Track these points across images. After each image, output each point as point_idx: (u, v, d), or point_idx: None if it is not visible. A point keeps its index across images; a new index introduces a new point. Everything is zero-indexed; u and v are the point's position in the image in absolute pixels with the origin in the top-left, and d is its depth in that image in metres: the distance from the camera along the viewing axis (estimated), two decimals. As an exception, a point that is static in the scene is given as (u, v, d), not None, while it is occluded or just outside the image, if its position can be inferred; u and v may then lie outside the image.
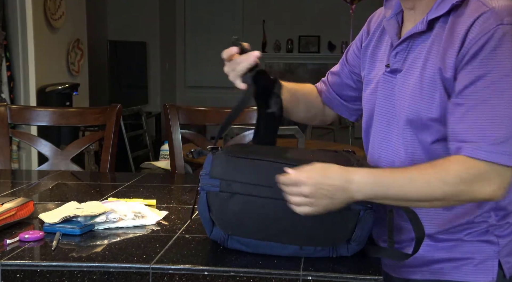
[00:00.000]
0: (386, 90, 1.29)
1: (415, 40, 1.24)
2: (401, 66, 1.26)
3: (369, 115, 1.36)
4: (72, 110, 2.55)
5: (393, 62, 1.28)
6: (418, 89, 1.20)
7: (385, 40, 1.35)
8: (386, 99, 1.29)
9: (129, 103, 5.67)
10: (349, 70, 1.50)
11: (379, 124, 1.32)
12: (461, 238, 1.24)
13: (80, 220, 1.32)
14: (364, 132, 1.39)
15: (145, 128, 5.78)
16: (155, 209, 1.50)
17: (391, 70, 1.28)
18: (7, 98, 4.15)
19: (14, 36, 4.24)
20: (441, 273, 1.25)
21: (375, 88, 1.32)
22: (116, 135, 2.23)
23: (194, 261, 1.15)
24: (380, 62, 1.34)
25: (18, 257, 1.16)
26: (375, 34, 1.39)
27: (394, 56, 1.27)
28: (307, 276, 1.09)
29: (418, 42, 1.23)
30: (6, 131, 2.24)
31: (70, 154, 2.23)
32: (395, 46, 1.27)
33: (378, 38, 1.38)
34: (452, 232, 1.24)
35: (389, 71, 1.29)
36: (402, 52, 1.26)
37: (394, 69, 1.27)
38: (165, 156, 4.23)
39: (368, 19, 1.46)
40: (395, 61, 1.27)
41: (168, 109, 2.26)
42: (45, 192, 1.80)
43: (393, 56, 1.28)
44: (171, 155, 2.25)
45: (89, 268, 1.13)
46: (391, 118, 1.28)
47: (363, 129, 1.39)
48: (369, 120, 1.36)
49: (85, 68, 5.40)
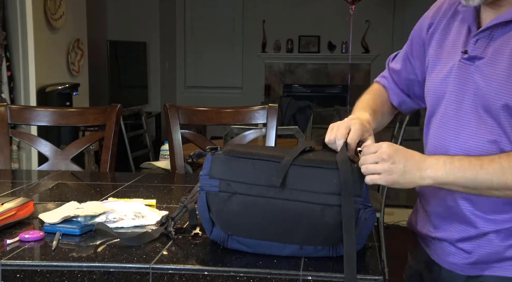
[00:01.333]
0: (462, 77, 1.25)
1: (499, 29, 1.21)
2: (482, 54, 1.22)
3: (435, 103, 1.32)
4: (72, 110, 2.55)
5: (472, 49, 1.24)
6: (504, 78, 1.17)
7: (455, 25, 1.32)
8: (461, 86, 1.25)
9: (129, 103, 5.67)
10: (414, 64, 1.45)
11: (451, 112, 1.27)
12: None
13: (80, 220, 1.32)
14: (427, 121, 1.35)
15: (145, 128, 5.77)
16: (155, 209, 1.50)
17: (469, 57, 1.24)
18: (7, 98, 4.15)
19: (14, 36, 4.24)
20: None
21: (448, 75, 1.28)
22: (116, 135, 2.23)
23: (194, 261, 1.15)
24: (452, 47, 1.30)
25: (18, 257, 1.16)
26: (443, 19, 1.35)
27: (474, 43, 1.24)
28: (307, 276, 1.09)
29: (504, 30, 1.20)
30: (6, 131, 2.24)
31: (70, 154, 2.23)
32: (476, 33, 1.24)
33: (447, 22, 1.34)
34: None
35: (466, 58, 1.25)
36: (484, 39, 1.23)
37: (474, 56, 1.23)
38: (165, 156, 4.23)
39: (435, 4, 1.40)
40: (475, 48, 1.23)
41: (168, 109, 2.26)
42: (45, 192, 1.80)
43: (472, 43, 1.24)
44: (171, 155, 2.25)
45: (89, 268, 1.13)
46: (466, 105, 1.24)
47: (426, 118, 1.35)
48: (434, 108, 1.33)
49: (85, 68, 5.40)
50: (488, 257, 1.23)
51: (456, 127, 1.26)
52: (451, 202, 1.25)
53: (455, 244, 1.27)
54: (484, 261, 1.24)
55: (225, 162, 1.17)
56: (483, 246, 1.23)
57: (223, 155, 1.18)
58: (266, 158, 1.16)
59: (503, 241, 1.22)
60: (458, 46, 1.28)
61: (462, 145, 1.24)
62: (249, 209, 1.14)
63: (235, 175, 1.16)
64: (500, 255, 1.22)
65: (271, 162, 1.15)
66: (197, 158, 1.24)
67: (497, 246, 1.22)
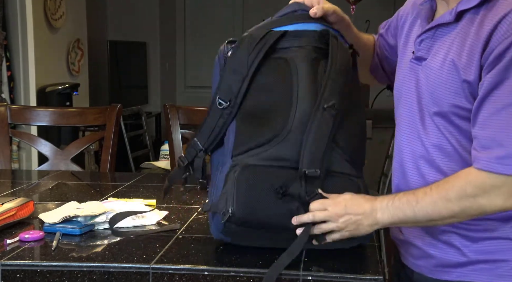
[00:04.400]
0: (412, 78, 1.24)
1: (442, 29, 1.19)
2: (426, 55, 1.21)
3: (396, 103, 1.32)
4: (72, 110, 2.55)
5: (417, 50, 1.23)
6: (437, 80, 1.16)
7: (417, 24, 1.30)
8: (411, 87, 1.24)
9: (129, 103, 5.66)
10: (387, 45, 1.45)
11: (404, 112, 1.27)
12: (499, 236, 1.18)
13: (80, 220, 1.32)
14: (394, 119, 1.35)
15: (145, 128, 5.78)
16: (155, 209, 1.50)
17: (416, 57, 1.24)
18: (7, 98, 4.15)
19: (14, 36, 4.24)
20: (476, 274, 1.19)
21: (404, 75, 1.28)
22: (116, 135, 2.23)
23: (194, 261, 1.15)
24: (409, 46, 1.30)
25: (18, 257, 1.16)
26: (409, 16, 1.34)
27: (419, 44, 1.23)
28: (307, 276, 1.09)
29: (444, 32, 1.18)
30: (6, 131, 2.24)
31: (70, 154, 2.23)
32: (420, 33, 1.23)
33: (412, 20, 1.33)
34: (488, 230, 1.18)
35: (414, 58, 1.24)
36: (428, 40, 1.21)
37: (419, 57, 1.23)
38: (165, 156, 4.23)
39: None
40: (419, 49, 1.23)
41: (168, 109, 2.26)
42: (45, 192, 1.80)
43: (417, 44, 1.23)
44: (171, 155, 2.25)
45: (89, 268, 1.13)
46: (414, 107, 1.23)
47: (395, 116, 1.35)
48: (396, 108, 1.32)
49: (85, 68, 5.39)
50: (452, 261, 1.21)
51: (407, 129, 1.26)
52: None
53: (420, 247, 1.26)
54: (449, 264, 1.22)
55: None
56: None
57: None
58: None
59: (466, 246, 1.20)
60: (411, 46, 1.28)
61: (412, 148, 1.24)
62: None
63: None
64: (464, 259, 1.20)
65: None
66: (206, 208, 1.21)
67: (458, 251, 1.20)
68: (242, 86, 1.18)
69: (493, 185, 1.07)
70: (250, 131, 1.17)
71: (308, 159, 1.12)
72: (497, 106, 1.07)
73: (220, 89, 1.20)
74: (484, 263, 1.18)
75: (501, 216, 1.16)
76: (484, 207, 1.09)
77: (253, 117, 1.18)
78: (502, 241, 1.17)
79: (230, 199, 1.12)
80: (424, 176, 1.21)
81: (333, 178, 1.16)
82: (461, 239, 1.19)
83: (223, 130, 1.21)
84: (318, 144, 1.13)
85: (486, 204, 1.09)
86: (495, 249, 1.17)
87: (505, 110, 1.06)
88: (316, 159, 1.12)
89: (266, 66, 1.18)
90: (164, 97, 7.16)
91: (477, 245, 1.18)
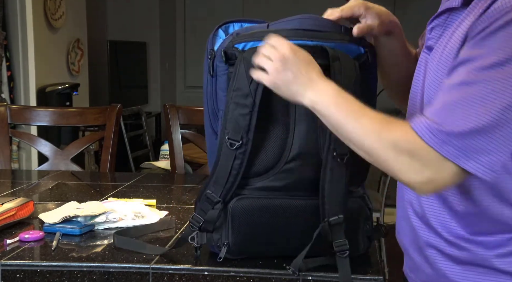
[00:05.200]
0: (420, 70, 1.12)
1: (453, 15, 1.05)
2: (435, 43, 1.08)
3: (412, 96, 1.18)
4: (72, 110, 2.55)
5: (428, 38, 1.10)
6: (433, 73, 1.06)
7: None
8: (419, 80, 1.12)
9: (129, 103, 5.66)
10: None
11: (410, 108, 1.16)
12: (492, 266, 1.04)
13: (80, 220, 1.32)
14: None
15: (145, 128, 5.78)
16: (155, 209, 1.50)
17: (427, 46, 1.10)
18: (7, 98, 4.15)
19: (14, 36, 4.24)
20: None
21: (416, 70, 1.15)
22: (116, 135, 2.23)
23: (194, 261, 1.15)
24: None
25: (18, 257, 1.16)
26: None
27: (430, 32, 1.10)
28: (307, 276, 1.09)
29: (454, 18, 1.05)
30: (6, 131, 2.24)
31: (70, 154, 2.23)
32: (431, 20, 1.10)
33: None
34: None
35: (425, 47, 1.11)
36: (438, 27, 1.08)
37: (429, 46, 1.09)
38: (165, 156, 4.23)
39: None
40: (430, 37, 1.10)
41: (168, 109, 2.26)
42: (45, 192, 1.80)
43: (428, 32, 1.10)
44: (171, 155, 2.25)
45: (89, 268, 1.13)
46: (417, 101, 1.12)
47: None
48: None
49: (85, 68, 5.39)
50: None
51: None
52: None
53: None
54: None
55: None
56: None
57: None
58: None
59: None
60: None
61: None
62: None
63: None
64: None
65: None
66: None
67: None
68: (252, 119, 1.09)
69: (424, 158, 0.96)
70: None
71: (330, 208, 1.10)
72: (458, 81, 0.95)
73: (227, 128, 1.10)
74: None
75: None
76: (400, 170, 0.98)
77: None
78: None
79: (225, 233, 1.12)
80: None
81: None
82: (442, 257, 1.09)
83: (241, 172, 1.11)
84: (338, 191, 1.11)
85: (404, 169, 0.97)
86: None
87: (464, 87, 0.94)
88: (337, 206, 1.11)
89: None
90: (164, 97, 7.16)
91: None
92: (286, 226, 1.13)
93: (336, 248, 1.09)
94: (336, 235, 1.10)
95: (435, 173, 0.95)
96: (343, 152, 1.10)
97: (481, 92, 0.91)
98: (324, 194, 1.10)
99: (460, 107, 0.93)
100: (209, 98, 1.22)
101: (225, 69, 1.15)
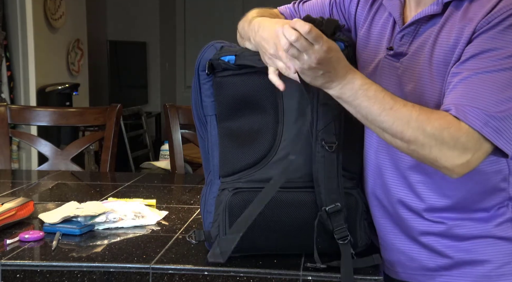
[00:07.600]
0: (391, 75, 1.16)
1: (425, 23, 1.13)
2: (406, 50, 1.14)
3: None
4: (72, 110, 2.55)
5: (398, 46, 1.16)
6: (427, 75, 1.10)
7: (382, 19, 1.22)
8: (392, 86, 1.14)
9: (129, 103, 5.66)
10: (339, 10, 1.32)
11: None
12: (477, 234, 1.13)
13: (80, 220, 1.32)
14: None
15: (145, 128, 5.78)
16: (155, 209, 1.50)
17: (395, 53, 1.16)
18: (7, 98, 4.16)
19: (14, 36, 4.24)
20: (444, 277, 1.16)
21: (374, 72, 1.19)
22: (116, 135, 2.23)
23: (194, 261, 1.15)
24: (377, 42, 1.21)
25: (18, 257, 1.16)
26: (370, 11, 1.26)
27: (400, 39, 1.15)
28: (307, 276, 1.09)
29: (428, 25, 1.12)
30: (6, 131, 2.24)
31: (70, 154, 2.23)
32: (402, 29, 1.15)
33: (373, 15, 1.25)
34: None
35: (391, 54, 1.16)
36: (409, 35, 1.14)
37: (399, 52, 1.15)
38: (165, 156, 4.23)
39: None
40: (400, 44, 1.15)
41: (168, 109, 2.26)
42: (45, 192, 1.80)
43: (398, 39, 1.16)
44: (171, 155, 2.25)
45: (89, 268, 1.13)
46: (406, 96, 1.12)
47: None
48: None
49: (85, 68, 5.39)
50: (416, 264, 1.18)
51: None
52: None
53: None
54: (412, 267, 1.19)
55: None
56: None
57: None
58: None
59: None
60: (383, 42, 1.20)
61: (389, 151, 1.17)
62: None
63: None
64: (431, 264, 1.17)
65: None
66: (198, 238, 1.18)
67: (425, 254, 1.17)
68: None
69: (467, 143, 1.00)
70: (236, 152, 1.16)
71: (326, 196, 1.12)
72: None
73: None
74: (468, 265, 1.14)
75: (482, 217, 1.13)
76: (443, 157, 1.00)
77: (237, 137, 1.17)
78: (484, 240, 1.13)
79: (222, 227, 1.13)
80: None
81: None
82: (444, 240, 1.15)
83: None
84: (331, 178, 1.13)
85: (445, 155, 1.00)
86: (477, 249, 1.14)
87: (487, 74, 1.02)
88: (334, 194, 1.12)
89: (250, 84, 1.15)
90: (164, 97, 7.16)
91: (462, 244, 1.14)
92: (283, 220, 1.13)
93: (336, 235, 1.11)
94: (335, 223, 1.12)
95: (473, 154, 1.00)
96: (331, 141, 1.13)
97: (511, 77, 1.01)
98: (319, 183, 1.12)
99: (494, 91, 1.00)
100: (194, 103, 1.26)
101: (209, 77, 1.21)
